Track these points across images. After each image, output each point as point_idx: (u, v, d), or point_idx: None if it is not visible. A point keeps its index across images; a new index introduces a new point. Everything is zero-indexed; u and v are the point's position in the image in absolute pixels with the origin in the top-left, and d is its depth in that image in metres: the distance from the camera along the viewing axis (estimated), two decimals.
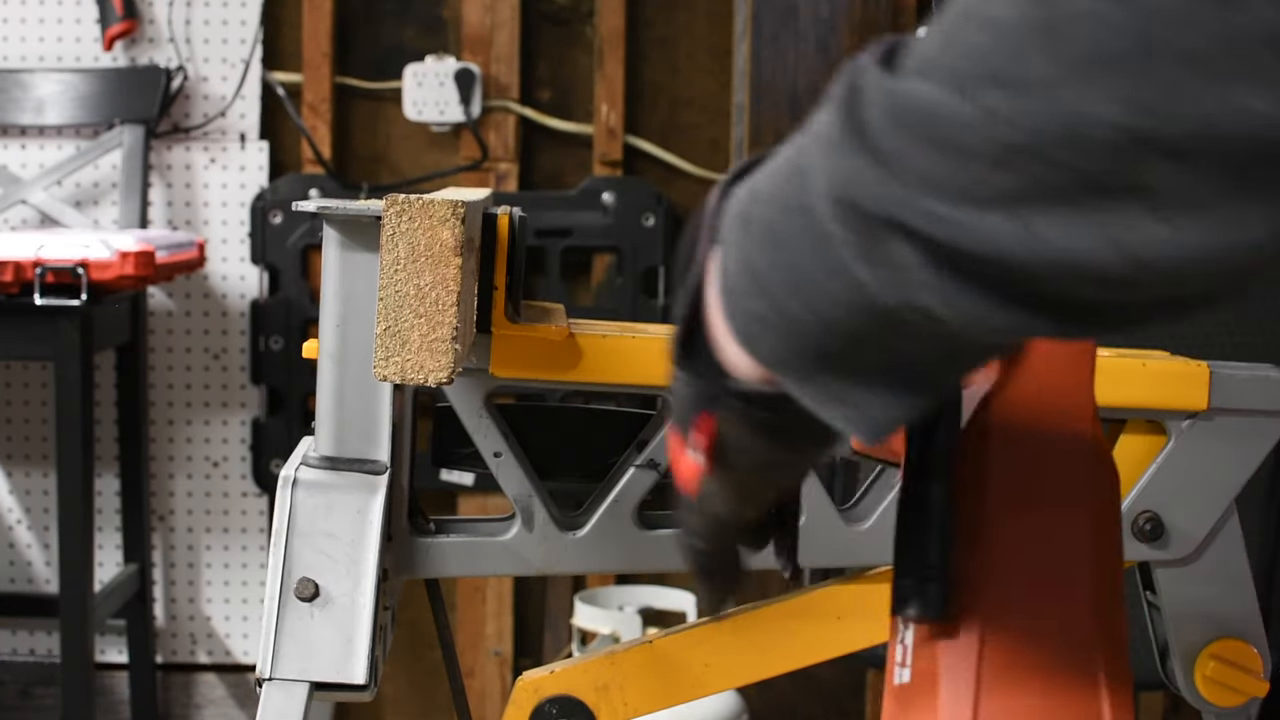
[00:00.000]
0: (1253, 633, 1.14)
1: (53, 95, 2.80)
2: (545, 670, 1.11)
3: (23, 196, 2.80)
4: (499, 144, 2.87)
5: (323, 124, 2.86)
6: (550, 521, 1.06)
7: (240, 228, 2.86)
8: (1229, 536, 1.13)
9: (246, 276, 2.87)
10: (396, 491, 1.03)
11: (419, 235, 0.87)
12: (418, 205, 0.87)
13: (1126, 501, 1.10)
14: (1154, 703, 2.80)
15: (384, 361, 0.87)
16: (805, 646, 1.12)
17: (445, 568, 1.07)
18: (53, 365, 2.36)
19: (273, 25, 2.88)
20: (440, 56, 2.86)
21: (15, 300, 2.31)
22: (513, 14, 2.86)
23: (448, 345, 0.87)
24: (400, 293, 0.87)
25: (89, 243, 2.37)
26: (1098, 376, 0.77)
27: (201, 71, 2.85)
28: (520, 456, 1.06)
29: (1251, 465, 1.11)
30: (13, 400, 2.88)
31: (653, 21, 2.90)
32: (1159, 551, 1.11)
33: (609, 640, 2.54)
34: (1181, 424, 1.10)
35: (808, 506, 1.07)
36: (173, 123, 2.85)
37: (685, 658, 1.11)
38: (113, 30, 2.79)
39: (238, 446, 2.87)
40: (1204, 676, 1.13)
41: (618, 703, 1.09)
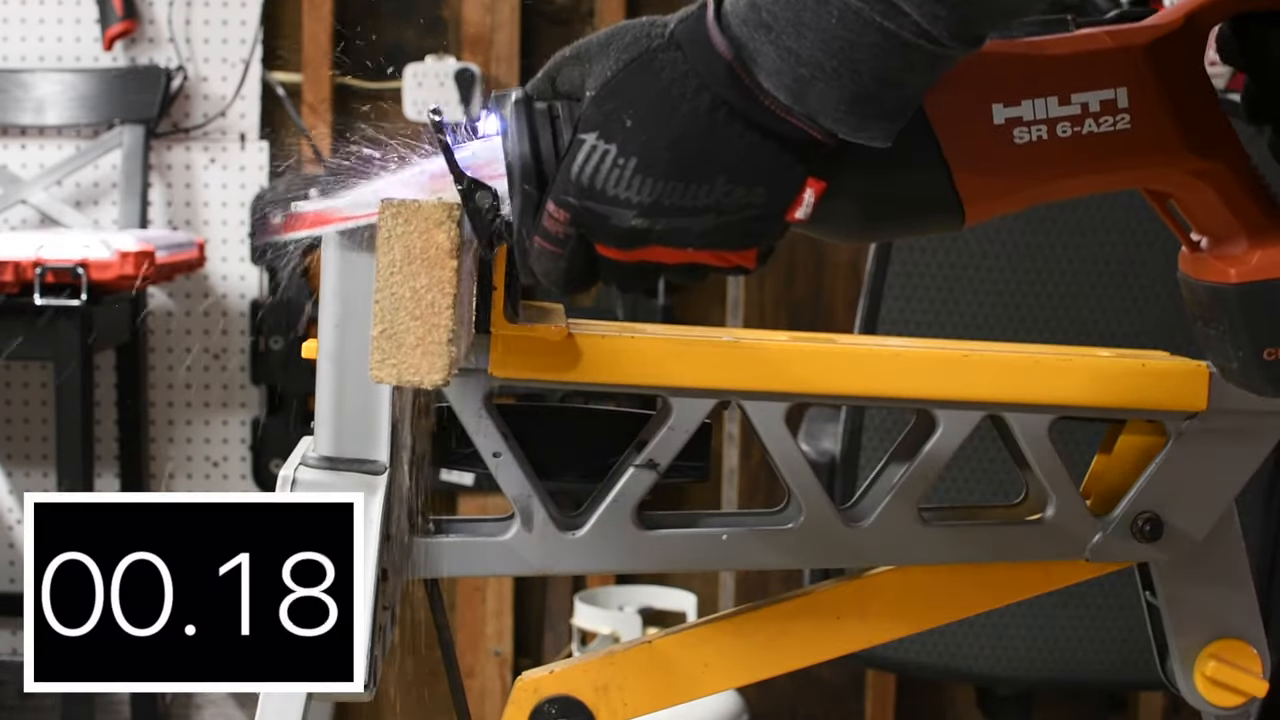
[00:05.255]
0: (1253, 633, 1.14)
1: (53, 95, 2.80)
2: (545, 670, 1.11)
3: (23, 196, 2.80)
4: None
5: (323, 124, 2.86)
6: (549, 521, 1.06)
7: (240, 228, 2.86)
8: (1229, 536, 1.13)
9: (246, 276, 2.87)
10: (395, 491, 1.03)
11: (415, 238, 0.87)
12: (413, 208, 0.86)
13: (1126, 501, 1.10)
14: (1154, 703, 2.80)
15: (380, 364, 0.87)
16: (805, 646, 1.12)
17: (445, 568, 1.07)
18: (53, 365, 2.36)
19: (273, 25, 2.88)
20: (440, 56, 2.86)
21: (15, 300, 2.31)
22: (513, 14, 2.86)
23: (444, 347, 0.87)
24: (396, 295, 0.87)
25: (89, 243, 2.37)
26: (1097, 377, 0.77)
27: (201, 71, 2.85)
28: (519, 456, 1.06)
29: (1251, 465, 1.11)
30: (13, 400, 2.88)
31: None
32: (1159, 551, 1.11)
33: (609, 640, 2.54)
34: (1181, 424, 1.10)
35: (807, 506, 1.07)
36: (173, 123, 2.85)
37: (685, 658, 1.11)
38: (113, 30, 2.79)
39: (238, 446, 2.88)
40: (1204, 676, 1.13)
41: (617, 703, 1.09)
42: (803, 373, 1.05)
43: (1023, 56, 0.83)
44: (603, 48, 0.81)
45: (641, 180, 0.79)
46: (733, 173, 0.78)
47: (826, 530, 1.07)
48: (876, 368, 1.06)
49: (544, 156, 0.82)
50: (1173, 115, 0.83)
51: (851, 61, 0.74)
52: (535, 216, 0.82)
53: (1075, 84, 0.82)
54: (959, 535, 1.10)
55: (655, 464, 1.06)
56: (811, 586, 1.14)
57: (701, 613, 2.71)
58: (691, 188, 0.78)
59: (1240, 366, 0.86)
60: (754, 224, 0.80)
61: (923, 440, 1.08)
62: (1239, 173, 0.85)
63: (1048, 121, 0.82)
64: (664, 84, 0.78)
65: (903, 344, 1.09)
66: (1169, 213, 0.88)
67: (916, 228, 0.86)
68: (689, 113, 0.78)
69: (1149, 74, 0.82)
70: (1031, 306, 1.86)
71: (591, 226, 0.81)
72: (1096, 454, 1.13)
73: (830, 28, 0.74)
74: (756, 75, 0.76)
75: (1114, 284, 1.86)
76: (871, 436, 1.90)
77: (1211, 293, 0.86)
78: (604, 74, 0.80)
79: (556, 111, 0.83)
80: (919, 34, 0.73)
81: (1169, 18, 0.84)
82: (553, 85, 0.84)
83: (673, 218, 0.79)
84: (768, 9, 0.76)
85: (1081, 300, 1.86)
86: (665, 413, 1.05)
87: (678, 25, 0.79)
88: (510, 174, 0.83)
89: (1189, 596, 1.13)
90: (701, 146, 0.78)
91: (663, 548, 1.07)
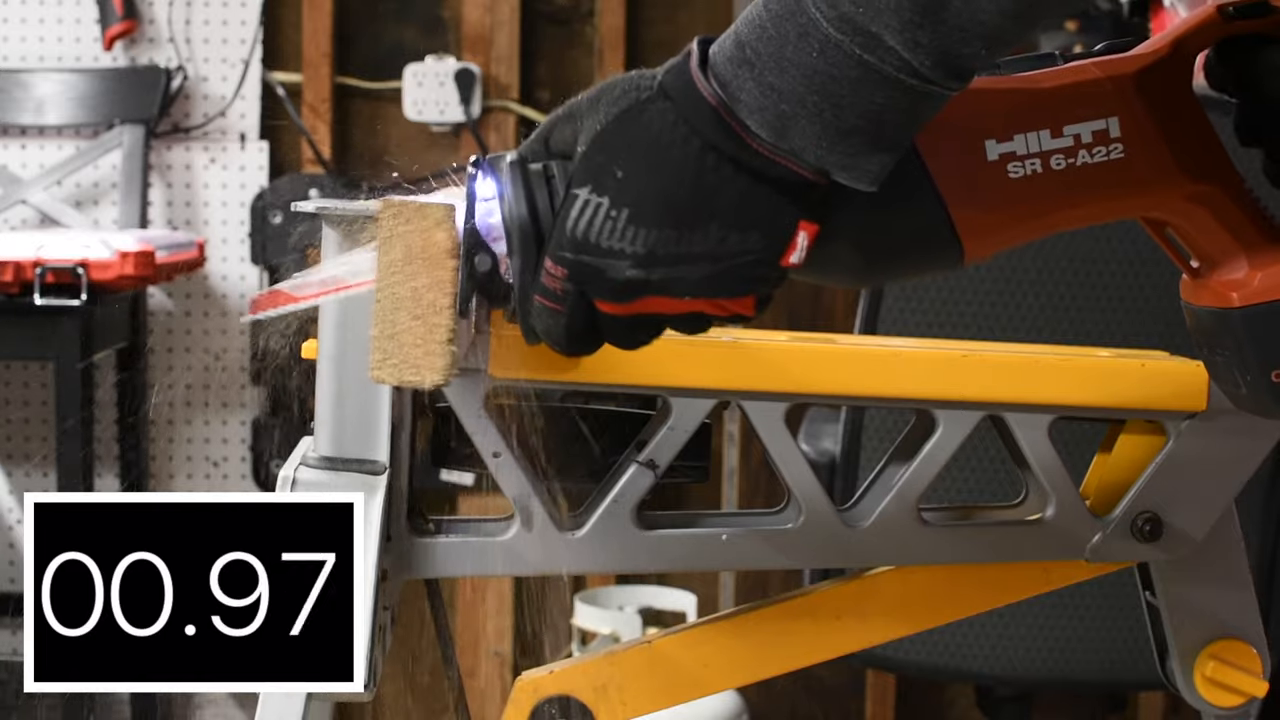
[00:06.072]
0: (1252, 633, 1.14)
1: (53, 95, 2.80)
2: (544, 670, 1.11)
3: (23, 196, 2.80)
4: (499, 144, 2.87)
5: (323, 124, 2.86)
6: (549, 522, 1.06)
7: (240, 228, 2.86)
8: (1229, 536, 1.13)
9: (246, 276, 2.87)
10: (395, 491, 1.03)
11: (415, 238, 0.87)
12: (413, 208, 0.86)
13: (1126, 502, 1.10)
14: (1154, 703, 2.80)
15: (380, 364, 0.87)
16: (805, 646, 1.12)
17: (445, 568, 1.07)
18: (53, 365, 2.36)
19: (273, 25, 2.88)
20: (440, 56, 2.86)
21: (15, 300, 2.31)
22: (513, 14, 2.86)
23: (444, 347, 0.87)
24: (396, 295, 0.87)
25: (89, 243, 2.37)
26: (1096, 377, 0.78)
27: (201, 71, 2.85)
28: (519, 456, 1.06)
29: (1251, 465, 1.11)
30: (13, 400, 2.88)
31: (653, 21, 2.90)
32: (1158, 551, 1.11)
33: (609, 640, 2.54)
34: (1180, 424, 1.10)
35: (807, 506, 1.07)
36: (173, 123, 2.85)
37: (685, 658, 1.11)
38: (113, 30, 2.79)
39: (238, 446, 2.88)
40: (1204, 677, 1.13)
41: (617, 703, 1.09)
42: (803, 373, 1.06)
43: (1013, 91, 0.83)
44: (593, 104, 0.81)
45: (635, 231, 0.78)
46: (726, 219, 0.78)
47: (826, 530, 1.07)
48: (876, 368, 1.07)
49: (541, 216, 0.82)
50: (1165, 142, 0.83)
51: (833, 97, 0.74)
52: (535, 275, 0.82)
53: (1067, 116, 0.82)
54: (959, 535, 1.10)
55: (655, 464, 1.06)
56: (811, 586, 1.14)
57: (701, 613, 2.71)
58: (685, 236, 0.78)
59: (1249, 391, 0.86)
60: (750, 270, 0.79)
61: (922, 440, 1.08)
62: (1235, 196, 0.85)
63: (1041, 155, 0.82)
64: (653, 134, 0.78)
65: (903, 344, 1.09)
66: (1167, 241, 0.88)
67: (916, 268, 0.86)
68: (679, 161, 0.77)
69: (1139, 102, 0.83)
70: (1031, 306, 1.86)
71: (588, 281, 0.80)
72: (1096, 454, 1.14)
73: (811, 62, 0.74)
74: (740, 114, 0.76)
75: (1114, 284, 1.86)
76: (871, 436, 1.90)
77: (1215, 318, 0.86)
78: (594, 128, 0.80)
79: (551, 171, 0.83)
80: (901, 67, 0.73)
81: (1156, 46, 0.84)
82: (546, 146, 0.84)
83: (668, 267, 0.79)
84: (751, 46, 0.76)
85: (1081, 300, 1.86)
86: (665, 413, 1.05)
87: (665, 75, 0.79)
88: (509, 236, 0.83)
89: (1189, 596, 1.13)
90: (693, 194, 0.78)
91: (663, 548, 1.07)
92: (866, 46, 0.73)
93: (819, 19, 0.73)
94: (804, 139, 0.75)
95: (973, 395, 1.07)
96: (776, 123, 0.75)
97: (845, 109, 0.74)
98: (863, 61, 0.73)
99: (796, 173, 0.76)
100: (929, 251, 0.84)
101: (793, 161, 0.76)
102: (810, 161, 0.76)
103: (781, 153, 0.76)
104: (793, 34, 0.74)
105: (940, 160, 0.82)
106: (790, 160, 0.76)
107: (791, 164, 0.76)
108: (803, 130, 0.75)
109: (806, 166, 0.76)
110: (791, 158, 0.76)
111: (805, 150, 0.76)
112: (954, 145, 0.82)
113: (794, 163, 0.76)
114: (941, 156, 0.82)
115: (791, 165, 0.76)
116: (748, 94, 0.76)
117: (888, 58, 0.73)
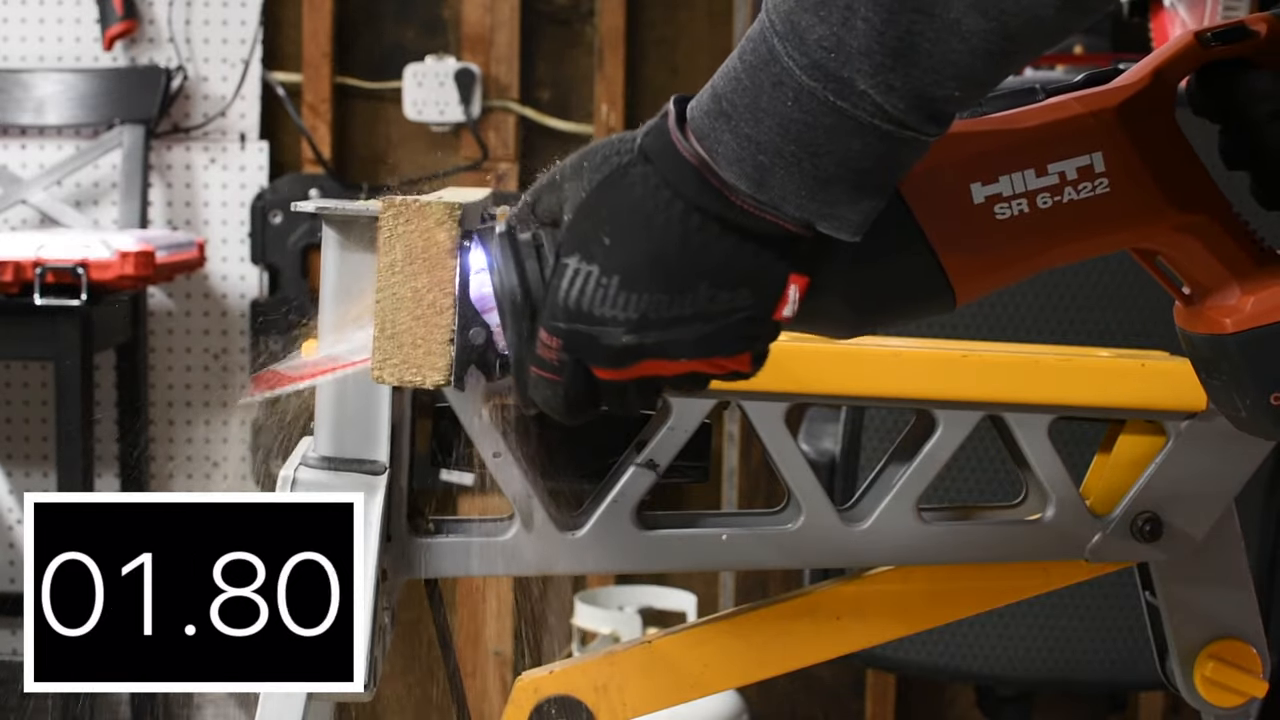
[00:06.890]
0: (1252, 633, 1.14)
1: (53, 95, 2.80)
2: (545, 670, 1.11)
3: (23, 196, 2.80)
4: (499, 144, 2.87)
5: (323, 124, 2.86)
6: (549, 522, 1.06)
7: (240, 228, 2.86)
8: (1229, 536, 1.13)
9: (246, 276, 2.87)
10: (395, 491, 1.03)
11: (415, 237, 0.87)
12: (414, 207, 0.86)
13: (1126, 501, 1.10)
14: (1154, 703, 2.80)
15: (381, 364, 0.87)
16: (805, 646, 1.12)
17: (444, 568, 1.07)
18: (53, 365, 2.36)
19: (273, 25, 2.88)
20: (440, 56, 2.86)
21: (15, 300, 2.31)
22: (513, 14, 2.86)
23: (444, 347, 0.87)
24: (397, 295, 0.87)
25: (89, 243, 2.37)
26: (1096, 377, 0.77)
27: (201, 71, 2.85)
28: (519, 456, 1.06)
29: (1251, 465, 1.11)
30: (13, 400, 2.88)
31: (653, 22, 2.90)
32: (1158, 551, 1.11)
33: (609, 640, 2.54)
34: (1180, 424, 1.10)
35: (807, 506, 1.07)
36: (173, 123, 2.85)
37: (685, 658, 1.11)
38: (113, 30, 2.79)
39: (237, 446, 2.88)
40: (1203, 677, 1.13)
41: (617, 703, 1.09)
42: (803, 373, 1.06)
43: (994, 133, 0.83)
44: (575, 171, 0.81)
45: (626, 297, 0.78)
46: (715, 278, 0.78)
47: (826, 530, 1.07)
48: (876, 368, 1.07)
49: (532, 287, 0.82)
50: (1151, 173, 0.83)
51: (810, 145, 0.73)
52: (530, 346, 0.82)
53: (1050, 154, 0.82)
54: (959, 535, 1.10)
55: (655, 464, 1.06)
56: (811, 586, 1.14)
57: (701, 613, 2.71)
58: (677, 298, 0.78)
59: (1249, 414, 0.86)
60: (744, 327, 0.79)
61: (922, 440, 1.08)
62: (1223, 221, 0.85)
63: (1027, 194, 0.82)
64: (636, 199, 0.78)
65: (902, 344, 1.09)
66: (1158, 270, 0.88)
67: (908, 314, 0.86)
68: (664, 224, 0.77)
69: (1123, 135, 0.82)
70: (1031, 306, 1.86)
71: (584, 349, 0.80)
72: (1096, 454, 1.14)
73: (786, 111, 0.73)
74: (719, 167, 0.76)
75: (1114, 284, 1.86)
76: (871, 436, 1.90)
77: (1210, 344, 0.86)
78: (578, 195, 0.80)
79: (540, 240, 0.82)
80: (875, 113, 0.72)
81: (1136, 77, 0.84)
82: (533, 214, 0.84)
83: (662, 330, 0.78)
84: (727, 98, 0.75)
85: (1081, 300, 1.86)
86: (665, 413, 1.05)
87: (644, 138, 0.78)
88: (501, 307, 0.83)
89: (1189, 596, 1.13)
90: (680, 256, 0.77)
91: (663, 548, 1.07)
92: (840, 93, 0.72)
93: (792, 67, 0.73)
94: (783, 189, 0.75)
95: (972, 395, 1.07)
96: (755, 174, 0.75)
97: (823, 157, 0.74)
98: (837, 108, 0.72)
99: (781, 226, 0.76)
100: (921, 299, 0.84)
101: (775, 215, 0.76)
102: (792, 213, 0.76)
103: (764, 207, 0.76)
104: (767, 83, 0.74)
105: (927, 206, 0.82)
106: (773, 214, 0.76)
107: (775, 218, 0.76)
108: (781, 180, 0.75)
109: (789, 219, 0.76)
110: (774, 211, 0.76)
111: (785, 201, 0.75)
112: (940, 190, 0.82)
113: (777, 216, 0.76)
114: (928, 202, 0.82)
115: (775, 219, 0.76)
116: (725, 146, 0.75)
117: (861, 103, 0.72)
